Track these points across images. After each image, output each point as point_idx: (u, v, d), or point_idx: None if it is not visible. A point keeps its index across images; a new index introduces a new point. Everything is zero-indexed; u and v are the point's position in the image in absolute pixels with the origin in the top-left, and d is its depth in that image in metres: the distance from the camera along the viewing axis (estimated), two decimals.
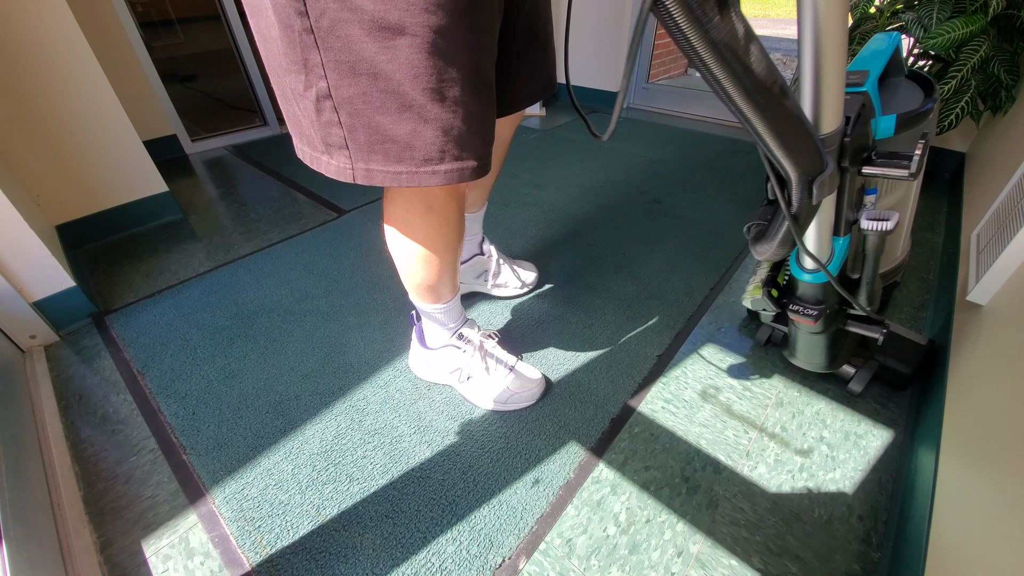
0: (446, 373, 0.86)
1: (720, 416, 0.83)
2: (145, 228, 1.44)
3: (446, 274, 0.72)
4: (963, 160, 1.57)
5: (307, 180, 1.73)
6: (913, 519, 0.62)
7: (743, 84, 0.37)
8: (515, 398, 0.84)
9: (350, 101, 0.46)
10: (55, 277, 1.00)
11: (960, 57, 1.21)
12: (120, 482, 0.75)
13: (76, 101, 1.20)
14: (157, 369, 0.94)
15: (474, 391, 0.85)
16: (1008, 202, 0.88)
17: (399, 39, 0.42)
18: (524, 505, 0.71)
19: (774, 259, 0.60)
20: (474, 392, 0.85)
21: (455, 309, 0.81)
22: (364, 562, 0.64)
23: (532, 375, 0.86)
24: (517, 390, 0.83)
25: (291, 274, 1.21)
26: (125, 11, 1.67)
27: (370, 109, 0.46)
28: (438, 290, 0.74)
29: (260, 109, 2.15)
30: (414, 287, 0.74)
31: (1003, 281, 0.77)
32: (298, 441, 0.80)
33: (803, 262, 0.67)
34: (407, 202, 0.62)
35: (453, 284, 0.76)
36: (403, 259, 0.70)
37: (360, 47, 0.43)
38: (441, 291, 0.75)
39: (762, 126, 0.42)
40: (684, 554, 0.65)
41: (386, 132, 0.48)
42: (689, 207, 1.48)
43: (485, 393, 0.84)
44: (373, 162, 0.50)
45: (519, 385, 0.84)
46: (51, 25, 1.12)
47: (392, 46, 0.43)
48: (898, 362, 0.82)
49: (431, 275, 0.70)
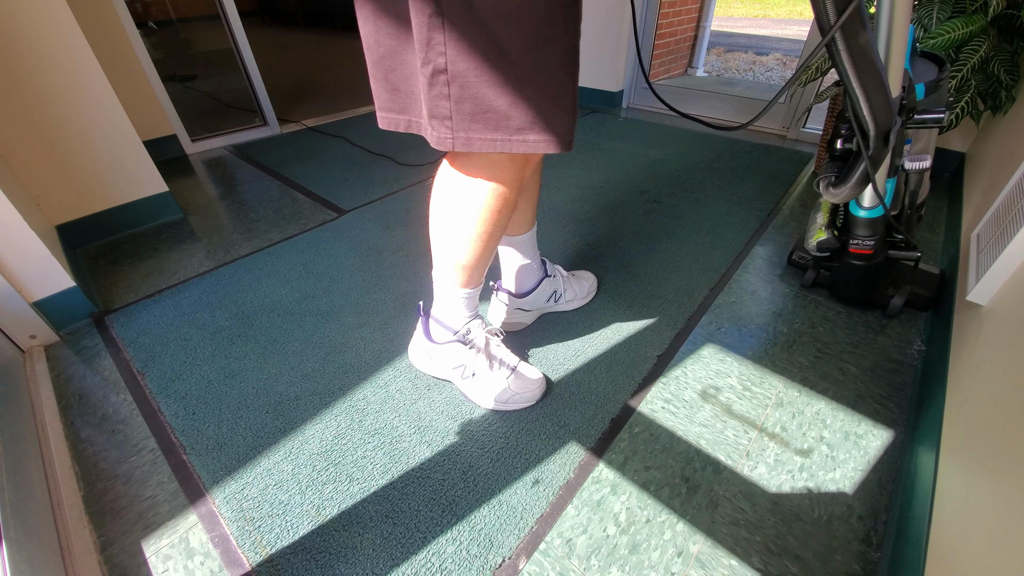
0: (449, 368, 0.86)
1: (720, 416, 0.83)
2: (145, 228, 1.44)
3: (486, 257, 0.75)
4: (963, 160, 1.57)
5: (307, 180, 1.73)
6: (913, 519, 0.62)
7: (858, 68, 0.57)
8: (516, 398, 0.84)
9: (463, 75, 0.53)
10: (55, 277, 1.00)
11: (960, 57, 1.21)
12: (120, 482, 0.75)
13: (76, 101, 1.20)
14: (157, 369, 0.94)
15: (475, 389, 0.85)
16: (1008, 202, 0.88)
17: (514, 22, 0.50)
18: (524, 505, 0.71)
19: (846, 200, 0.79)
20: (475, 390, 0.85)
21: (475, 298, 0.82)
22: (364, 562, 0.64)
23: (533, 375, 0.86)
24: (518, 390, 0.83)
25: (291, 274, 1.21)
26: (125, 11, 1.67)
27: (479, 82, 0.53)
28: (473, 272, 0.76)
29: (260, 109, 2.15)
30: (454, 264, 0.75)
31: (1003, 281, 0.77)
32: (298, 441, 0.80)
33: (864, 201, 0.87)
34: (482, 173, 0.65)
35: (484, 272, 0.79)
36: (456, 233, 0.71)
37: (478, 29, 0.50)
38: (475, 275, 0.77)
39: (861, 94, 0.60)
40: (684, 554, 0.65)
41: (489, 103, 0.54)
42: (689, 207, 1.48)
43: (486, 392, 0.84)
44: (473, 130, 0.56)
45: (520, 385, 0.84)
46: (51, 25, 1.12)
47: (507, 28, 0.50)
48: (922, 288, 1.02)
49: (475, 254, 0.73)
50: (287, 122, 2.33)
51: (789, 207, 1.48)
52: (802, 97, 1.96)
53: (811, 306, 1.07)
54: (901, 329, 1.00)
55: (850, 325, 1.02)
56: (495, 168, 0.64)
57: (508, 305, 0.97)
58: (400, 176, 1.75)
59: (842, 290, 1.05)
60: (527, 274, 0.96)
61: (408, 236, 1.36)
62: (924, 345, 0.96)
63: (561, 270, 1.04)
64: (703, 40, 3.28)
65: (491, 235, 0.71)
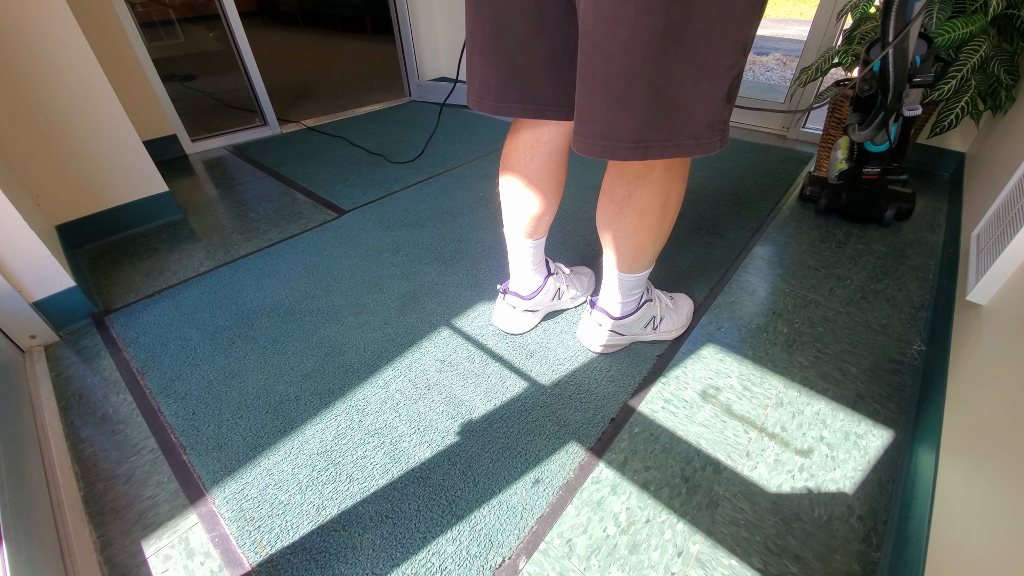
0: (639, 328, 0.93)
1: (720, 416, 0.83)
2: (145, 228, 1.44)
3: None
4: (963, 160, 1.57)
5: (307, 180, 1.73)
6: (913, 519, 0.62)
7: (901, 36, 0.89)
8: (684, 318, 1.00)
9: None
10: (55, 277, 1.00)
11: (960, 57, 1.21)
12: (120, 482, 0.75)
13: (76, 101, 1.20)
14: (157, 369, 0.94)
15: (662, 331, 0.96)
16: (1008, 202, 0.88)
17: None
18: (524, 505, 0.71)
19: (867, 140, 1.13)
20: (662, 332, 0.96)
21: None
22: (364, 562, 0.64)
23: (678, 296, 1.03)
24: (684, 307, 1.01)
25: (291, 274, 1.21)
26: (125, 11, 1.67)
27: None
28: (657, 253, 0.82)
29: (260, 109, 2.15)
30: (652, 255, 0.80)
31: (1003, 281, 0.77)
32: (298, 441, 0.80)
33: (878, 140, 1.18)
34: (681, 170, 0.69)
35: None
36: (660, 227, 0.74)
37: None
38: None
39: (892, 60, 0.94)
40: (684, 554, 0.65)
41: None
42: (689, 207, 1.48)
43: (673, 324, 0.97)
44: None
45: (682, 304, 1.01)
46: (51, 25, 1.12)
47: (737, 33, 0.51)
48: (905, 203, 1.35)
49: (664, 238, 0.78)
50: (287, 122, 2.33)
51: (789, 207, 1.48)
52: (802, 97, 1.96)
53: (811, 306, 1.07)
54: (901, 329, 1.00)
55: (850, 325, 1.02)
56: (687, 165, 0.71)
57: (516, 308, 0.97)
58: (400, 176, 1.75)
59: (852, 208, 1.35)
60: (536, 275, 0.97)
61: (408, 236, 1.36)
62: (924, 345, 0.96)
63: (563, 267, 1.05)
64: None
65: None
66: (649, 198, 0.70)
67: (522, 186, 0.81)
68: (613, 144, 0.57)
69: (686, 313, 1.01)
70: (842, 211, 1.39)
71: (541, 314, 1.03)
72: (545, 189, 0.81)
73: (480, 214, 1.47)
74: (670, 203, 0.72)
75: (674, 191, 0.71)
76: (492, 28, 0.63)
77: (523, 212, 0.84)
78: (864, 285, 1.13)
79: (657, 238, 0.76)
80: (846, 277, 1.16)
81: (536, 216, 0.85)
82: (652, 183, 0.68)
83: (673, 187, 0.70)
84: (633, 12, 0.47)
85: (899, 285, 1.13)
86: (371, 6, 4.94)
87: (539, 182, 0.80)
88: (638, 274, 0.82)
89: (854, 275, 1.17)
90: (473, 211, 1.49)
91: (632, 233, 0.74)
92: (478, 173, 1.75)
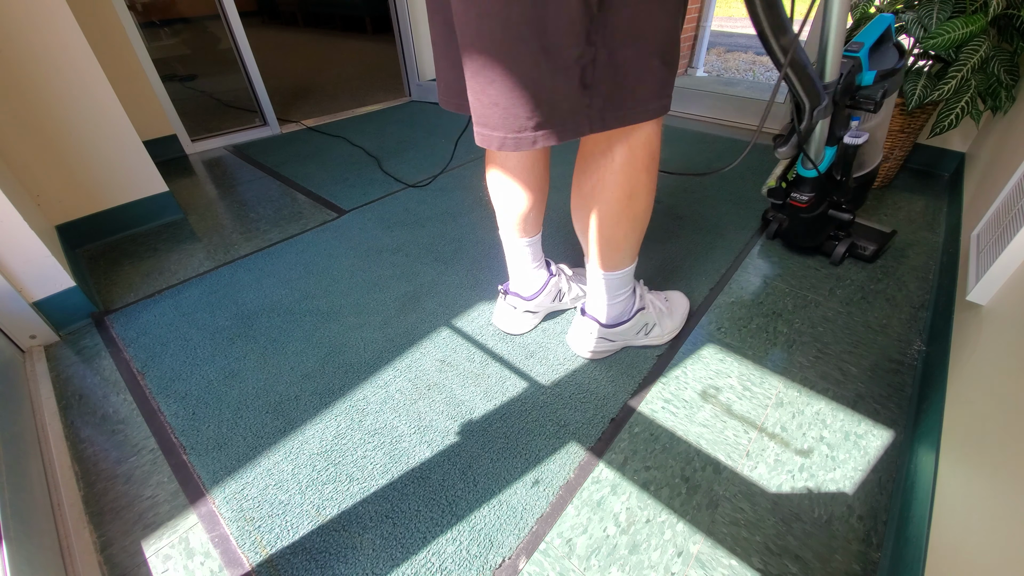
0: (632, 335, 0.93)
1: (720, 416, 0.83)
2: (145, 228, 1.44)
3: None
4: (963, 160, 1.57)
5: (307, 180, 1.73)
6: (913, 519, 0.62)
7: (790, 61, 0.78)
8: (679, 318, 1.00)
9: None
10: (55, 277, 1.00)
11: (960, 57, 1.21)
12: (120, 482, 0.75)
13: (76, 101, 1.20)
14: (157, 369, 0.94)
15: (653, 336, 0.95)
16: (1008, 202, 0.88)
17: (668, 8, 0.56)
18: (524, 505, 0.71)
19: (787, 158, 1.00)
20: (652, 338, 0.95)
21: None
22: (364, 562, 0.64)
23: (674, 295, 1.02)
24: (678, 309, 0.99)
25: (291, 274, 1.21)
26: (125, 11, 1.67)
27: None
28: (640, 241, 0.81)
29: (260, 109, 2.15)
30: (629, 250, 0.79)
31: (1003, 281, 0.77)
32: (298, 441, 0.80)
33: (805, 162, 1.04)
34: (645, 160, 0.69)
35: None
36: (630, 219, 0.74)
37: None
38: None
39: (794, 77, 0.82)
40: (684, 554, 0.65)
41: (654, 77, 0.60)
42: (689, 207, 1.48)
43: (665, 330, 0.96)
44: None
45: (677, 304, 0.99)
46: (51, 25, 1.12)
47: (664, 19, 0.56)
48: (867, 242, 1.18)
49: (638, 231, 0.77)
50: (287, 122, 2.33)
51: None
52: None
53: (811, 306, 1.07)
54: (901, 329, 1.00)
55: (850, 325, 1.02)
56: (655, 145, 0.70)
57: (517, 308, 0.97)
58: (399, 176, 1.75)
59: (789, 237, 1.23)
60: (536, 276, 0.96)
61: (408, 236, 1.36)
62: (924, 345, 0.96)
63: (565, 268, 1.04)
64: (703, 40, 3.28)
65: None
66: (612, 190, 0.70)
67: (505, 182, 0.83)
68: (500, 135, 0.59)
69: (681, 314, 1.01)
70: (786, 239, 1.25)
71: (541, 315, 1.03)
72: (527, 184, 0.82)
73: (480, 214, 1.47)
74: (636, 193, 0.71)
75: (640, 182, 0.70)
76: (446, 32, 0.66)
77: (511, 209, 0.85)
78: (864, 285, 1.13)
79: (629, 232, 0.76)
80: (846, 277, 1.16)
81: (523, 213, 0.85)
82: (614, 174, 0.69)
83: (638, 178, 0.70)
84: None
85: (899, 285, 1.13)
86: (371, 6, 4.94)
87: (519, 177, 0.82)
88: (620, 271, 0.82)
89: (854, 275, 1.17)
90: (473, 211, 1.49)
91: (601, 226, 0.75)
92: (478, 173, 1.75)
